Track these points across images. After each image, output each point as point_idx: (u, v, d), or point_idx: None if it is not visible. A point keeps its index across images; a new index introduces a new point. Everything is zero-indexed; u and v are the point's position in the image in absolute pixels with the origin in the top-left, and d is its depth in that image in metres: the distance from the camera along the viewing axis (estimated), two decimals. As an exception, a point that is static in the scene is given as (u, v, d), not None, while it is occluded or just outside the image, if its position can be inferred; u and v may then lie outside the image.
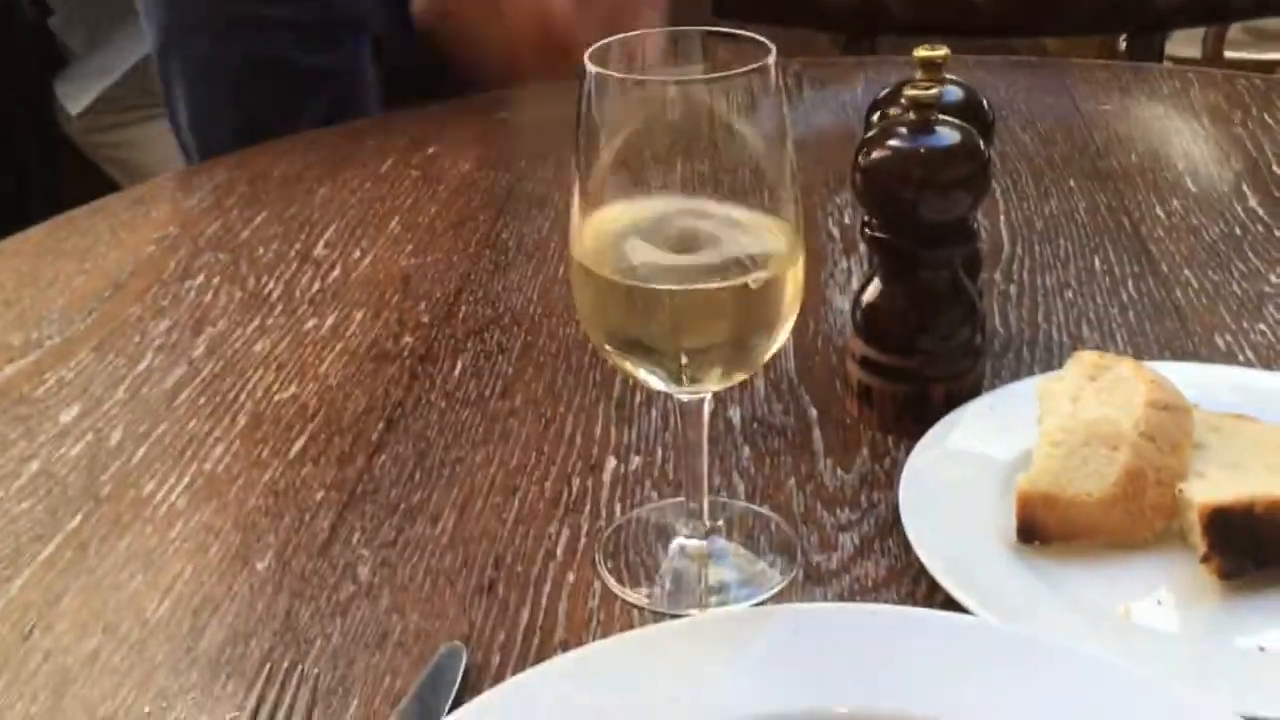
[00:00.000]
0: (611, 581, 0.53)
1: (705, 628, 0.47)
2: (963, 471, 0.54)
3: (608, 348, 0.49)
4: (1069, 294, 0.73)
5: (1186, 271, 0.75)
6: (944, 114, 0.58)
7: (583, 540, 0.56)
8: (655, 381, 0.49)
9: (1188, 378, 0.58)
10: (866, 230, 0.61)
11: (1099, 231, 0.81)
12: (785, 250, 0.47)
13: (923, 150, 0.57)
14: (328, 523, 0.58)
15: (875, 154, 0.58)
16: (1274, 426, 0.53)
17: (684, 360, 0.47)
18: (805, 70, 1.16)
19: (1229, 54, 1.97)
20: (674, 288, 0.46)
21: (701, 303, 0.46)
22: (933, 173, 0.57)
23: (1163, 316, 0.70)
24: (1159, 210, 0.83)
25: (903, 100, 0.58)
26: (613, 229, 0.47)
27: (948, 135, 0.57)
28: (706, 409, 0.51)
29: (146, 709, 0.48)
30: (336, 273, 0.83)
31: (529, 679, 0.43)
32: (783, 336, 0.48)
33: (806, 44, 1.44)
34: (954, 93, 0.63)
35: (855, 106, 1.06)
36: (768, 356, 0.49)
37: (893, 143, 0.58)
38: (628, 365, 0.49)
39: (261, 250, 0.88)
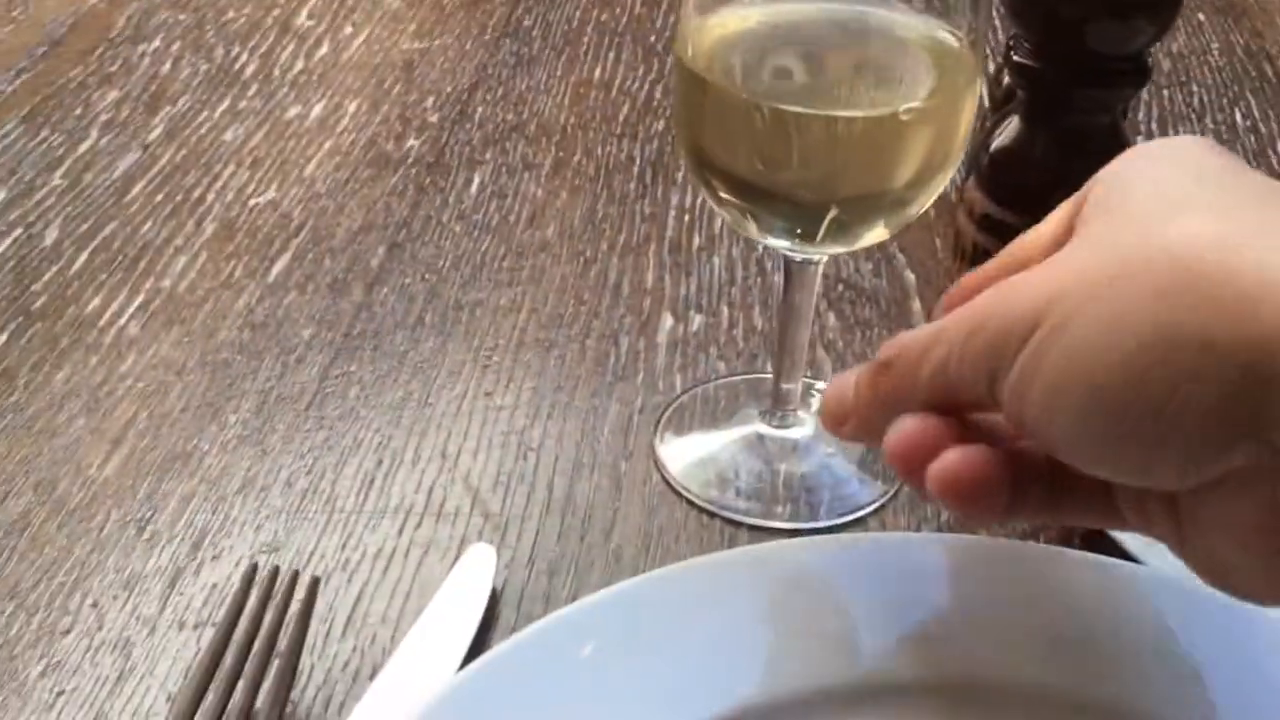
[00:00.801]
0: (673, 474, 0.44)
1: (794, 555, 0.38)
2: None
3: (723, 195, 0.38)
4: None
5: (1346, 138, 0.65)
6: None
7: (635, 419, 0.46)
8: (777, 240, 0.38)
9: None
10: (1012, 54, 0.50)
11: (1237, 78, 0.70)
12: (956, 72, 0.36)
13: (1104, -41, 0.46)
14: (316, 370, 0.48)
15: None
16: None
17: (832, 213, 0.36)
18: None
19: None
20: (828, 113, 0.35)
21: (855, 135, 0.35)
22: (1115, -10, 0.46)
23: (1322, 191, 0.60)
24: (1306, 59, 0.73)
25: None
26: (740, 30, 0.36)
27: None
28: (820, 271, 0.41)
29: (90, 599, 0.39)
30: (324, 50, 0.71)
31: (569, 617, 0.34)
32: (939, 186, 0.38)
33: None
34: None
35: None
36: (919, 211, 0.38)
37: (1062, -55, 0.46)
38: (748, 221, 0.38)
39: (231, 14, 0.74)
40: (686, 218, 0.58)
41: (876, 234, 0.38)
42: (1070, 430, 0.24)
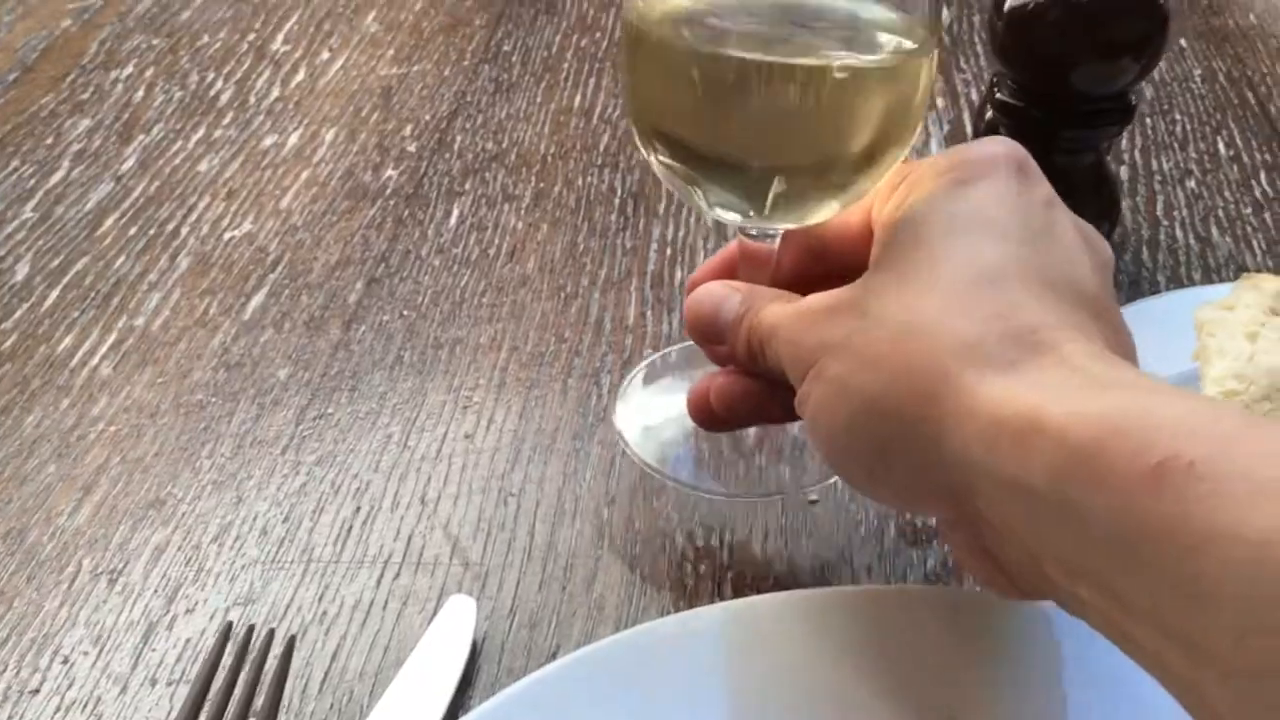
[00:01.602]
0: (634, 455, 0.44)
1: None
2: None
3: (668, 161, 0.37)
4: (1191, 184, 0.64)
5: (1329, 168, 0.65)
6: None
7: (618, 461, 0.46)
8: (727, 213, 0.38)
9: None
10: (996, 92, 0.50)
11: (1220, 107, 0.71)
12: (908, 40, 0.36)
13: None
14: (293, 413, 0.48)
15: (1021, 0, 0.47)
16: None
17: (777, 184, 0.36)
18: None
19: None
20: (768, 59, 0.35)
21: (797, 91, 0.35)
22: (1099, 29, 0.46)
23: (1305, 223, 0.61)
24: (1288, 86, 0.73)
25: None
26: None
27: (1120, -20, 0.46)
28: (775, 247, 0.40)
29: (61, 656, 0.39)
30: (300, 77, 0.71)
31: (547, 677, 0.34)
32: (891, 161, 0.37)
33: None
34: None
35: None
36: (872, 186, 0.37)
37: (1045, -16, 0.46)
38: (695, 191, 0.38)
39: (206, 39, 0.74)
40: (669, 250, 0.58)
41: (827, 209, 0.38)
42: (824, 451, 0.32)
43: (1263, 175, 0.65)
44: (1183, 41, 0.78)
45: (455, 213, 0.60)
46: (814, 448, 0.33)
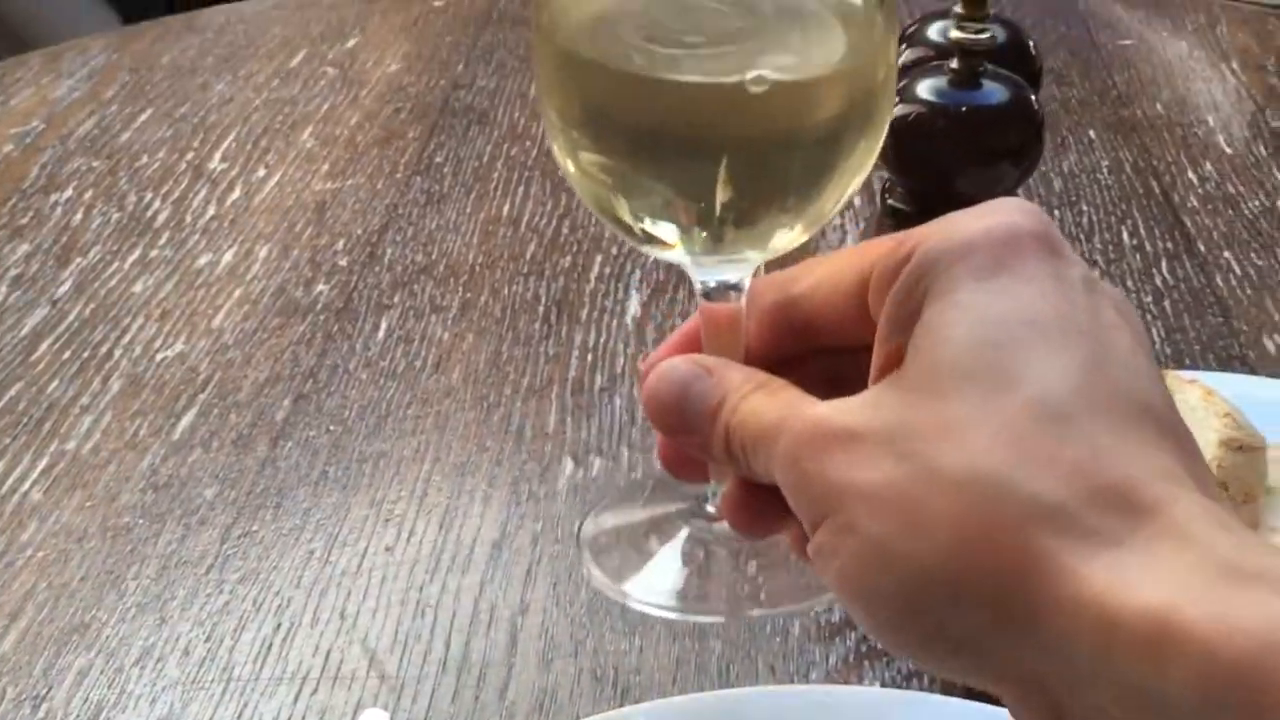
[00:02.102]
0: (597, 575, 0.41)
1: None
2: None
3: (585, 157, 0.35)
4: (1096, 274, 0.67)
5: (1227, 253, 0.69)
6: (990, 57, 0.50)
7: (533, 569, 0.48)
8: (659, 227, 0.35)
9: (1245, 395, 0.52)
10: (887, 199, 0.53)
11: (1125, 196, 0.74)
12: (842, 45, 0.34)
13: (965, 109, 0.49)
14: (218, 532, 0.50)
15: (905, 109, 0.50)
16: (1358, 474, 0.47)
17: (721, 196, 0.34)
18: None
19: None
20: (692, 79, 0.33)
21: (721, 107, 0.33)
22: (978, 138, 0.50)
23: (1203, 309, 0.64)
24: (1191, 174, 0.77)
25: (949, 38, 0.50)
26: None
27: (997, 92, 0.50)
28: (742, 307, 0.35)
29: (-18, 785, 0.40)
30: (236, 194, 0.73)
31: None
32: (850, 179, 0.35)
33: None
34: (998, 32, 0.55)
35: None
36: (834, 208, 0.35)
37: (928, 96, 0.50)
38: (620, 198, 0.35)
39: (145, 159, 0.77)
40: (590, 357, 0.60)
41: (788, 235, 0.35)
42: (862, 622, 0.27)
43: (1164, 263, 0.68)
44: (1091, 132, 0.82)
45: (384, 326, 0.62)
46: (844, 608, 0.28)
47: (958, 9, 0.52)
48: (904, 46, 0.56)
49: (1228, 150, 0.80)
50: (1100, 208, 0.73)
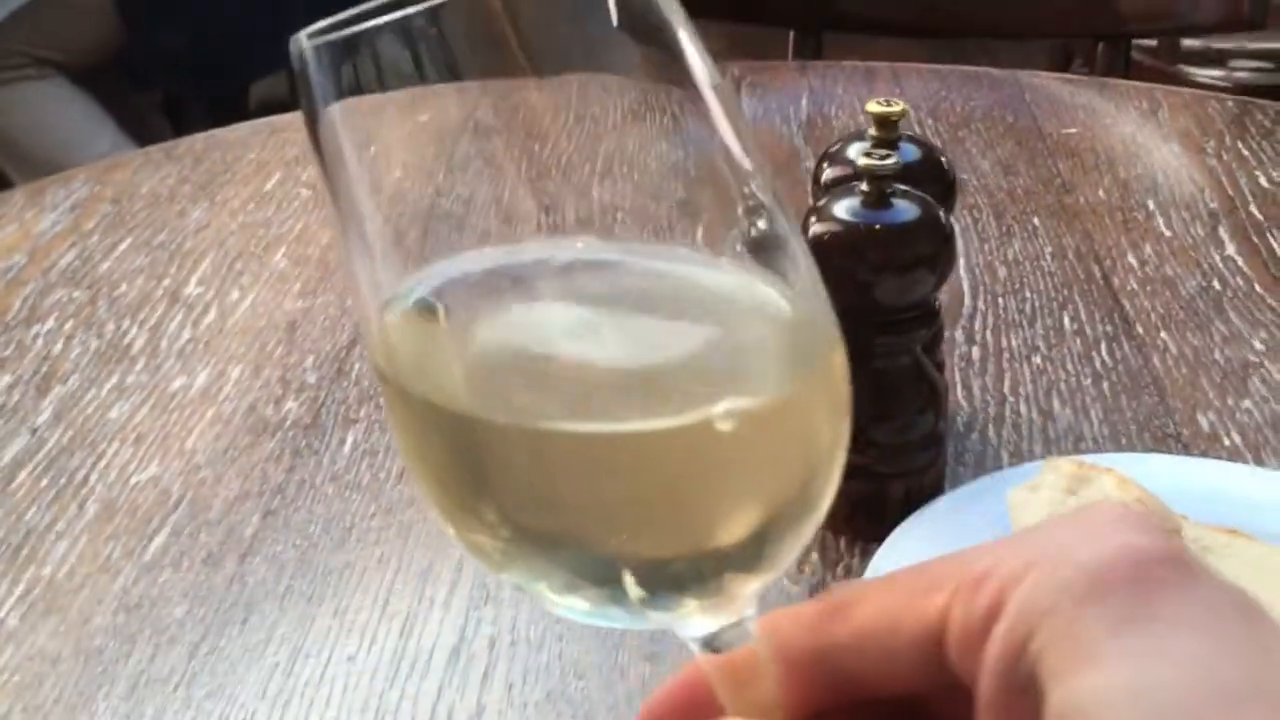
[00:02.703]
0: None
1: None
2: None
3: (503, 557, 0.26)
4: (1037, 359, 0.70)
5: (1164, 334, 0.72)
6: (901, 176, 0.54)
7: (491, 673, 0.50)
8: (604, 615, 0.27)
9: (1170, 477, 0.54)
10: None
11: (1068, 282, 0.78)
12: (794, 348, 0.27)
13: (879, 227, 0.53)
14: (186, 649, 0.52)
15: (824, 228, 0.53)
16: (1275, 549, 0.50)
17: (629, 576, 0.26)
18: (745, 75, 1.11)
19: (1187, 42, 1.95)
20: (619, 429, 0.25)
21: (649, 458, 0.25)
22: (891, 252, 0.53)
23: (1140, 389, 0.67)
24: (1131, 258, 0.80)
25: (857, 164, 0.53)
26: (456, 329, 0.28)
27: (906, 209, 0.53)
28: (755, 646, 0.27)
29: None
30: (211, 318, 0.77)
31: None
32: (808, 525, 0.27)
33: (753, 42, 1.39)
34: (910, 151, 0.59)
35: (799, 121, 1.02)
36: (780, 568, 0.27)
37: (844, 216, 0.53)
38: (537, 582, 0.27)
39: (124, 287, 0.80)
40: (548, 462, 0.63)
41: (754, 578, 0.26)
42: None
43: (1103, 346, 0.71)
44: (1036, 220, 0.86)
45: (350, 440, 0.65)
46: None
47: (870, 132, 0.56)
48: (825, 165, 0.60)
49: (1167, 233, 0.83)
50: (1043, 294, 0.76)
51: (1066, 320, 0.74)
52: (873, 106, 0.55)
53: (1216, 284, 0.77)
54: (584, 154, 0.27)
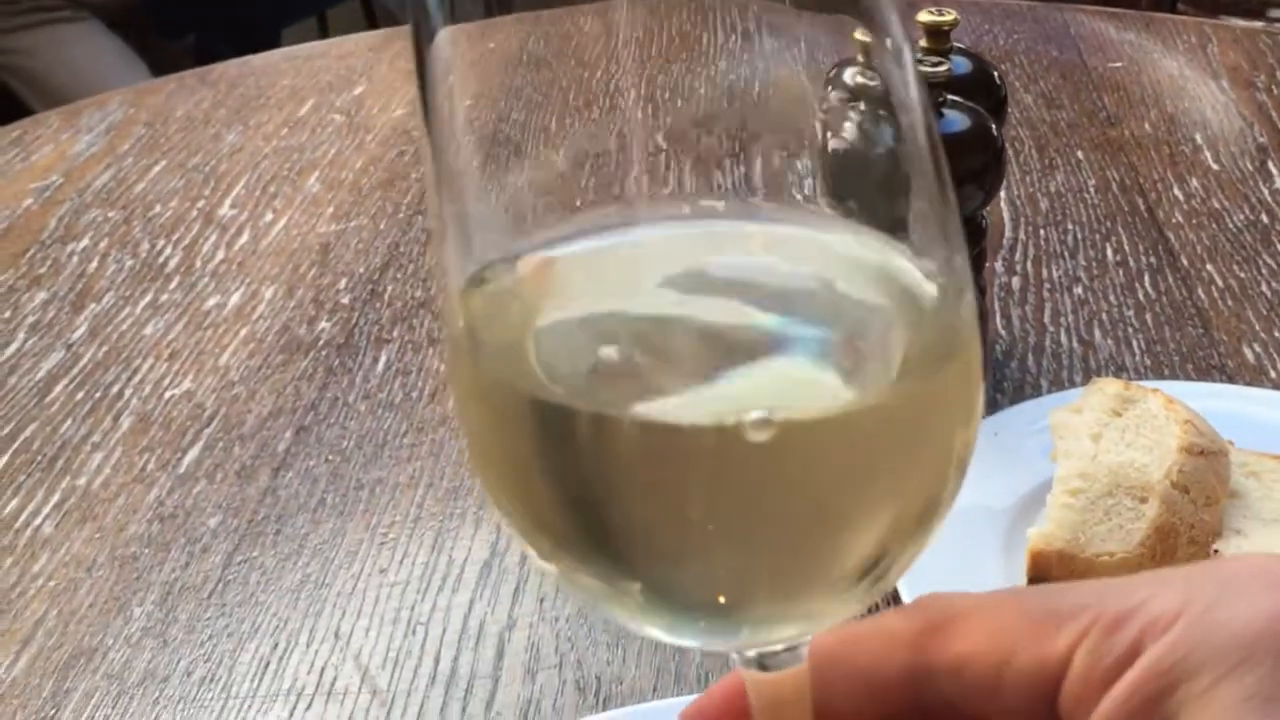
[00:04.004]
0: None
1: None
2: (963, 518, 0.49)
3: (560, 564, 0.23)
4: (1079, 290, 0.68)
5: (1209, 266, 0.70)
6: (951, 87, 0.52)
7: (521, 588, 0.50)
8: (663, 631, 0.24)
9: (1217, 404, 0.53)
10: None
11: (1111, 214, 0.76)
12: (932, 338, 0.23)
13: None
14: (220, 558, 0.52)
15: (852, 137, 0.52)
16: (1323, 474, 0.49)
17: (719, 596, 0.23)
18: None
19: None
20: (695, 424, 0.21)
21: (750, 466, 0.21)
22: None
23: (1184, 321, 0.65)
24: (1176, 190, 0.78)
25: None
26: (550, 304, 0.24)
27: (957, 120, 0.52)
28: (806, 672, 0.24)
29: (-8, 800, 0.42)
30: (244, 239, 0.76)
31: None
32: (917, 544, 0.23)
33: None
34: (961, 64, 0.57)
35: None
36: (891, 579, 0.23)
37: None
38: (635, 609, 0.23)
39: (158, 208, 0.80)
40: (581, 384, 0.62)
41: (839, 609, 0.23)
42: None
43: (1146, 278, 0.69)
44: (1080, 153, 0.83)
45: (383, 359, 0.65)
46: None
47: (921, 43, 0.54)
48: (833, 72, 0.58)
49: (1214, 166, 0.81)
50: (1085, 225, 0.75)
51: (1109, 252, 0.72)
52: (924, 16, 0.53)
53: (1265, 217, 0.75)
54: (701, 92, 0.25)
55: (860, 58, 0.28)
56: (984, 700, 0.22)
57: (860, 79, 0.24)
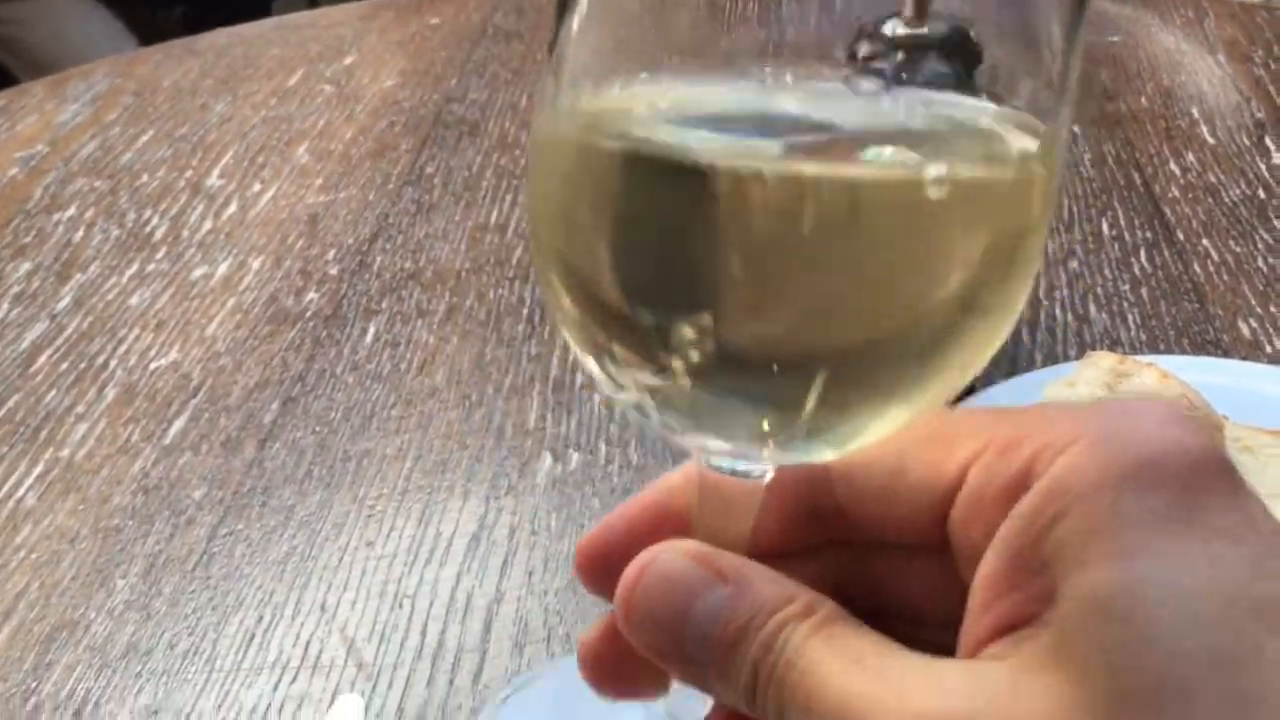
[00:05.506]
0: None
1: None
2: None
3: (606, 347, 0.23)
4: (1074, 264, 0.68)
5: (1205, 241, 0.69)
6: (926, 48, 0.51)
7: (509, 560, 0.49)
8: (721, 442, 0.23)
9: (1212, 378, 0.52)
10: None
11: (1107, 188, 0.75)
12: (1020, 145, 0.23)
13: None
14: (204, 530, 0.51)
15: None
16: (1319, 450, 0.48)
17: (820, 376, 0.21)
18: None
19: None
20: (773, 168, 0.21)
21: (838, 219, 0.21)
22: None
23: (1179, 295, 0.64)
24: (1173, 165, 0.77)
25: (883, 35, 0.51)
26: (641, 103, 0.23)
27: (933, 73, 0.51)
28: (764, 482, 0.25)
29: (-28, 773, 0.41)
30: (232, 209, 0.75)
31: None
32: (993, 338, 0.23)
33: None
34: (939, 28, 0.56)
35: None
36: (957, 385, 0.23)
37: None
38: (661, 413, 0.23)
39: (145, 178, 0.79)
40: (571, 355, 0.61)
41: (879, 426, 0.22)
42: None
43: (1142, 252, 0.68)
44: (1076, 127, 0.82)
45: (371, 331, 0.64)
46: None
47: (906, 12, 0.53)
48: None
49: (1211, 141, 0.80)
50: (1081, 200, 0.74)
51: (1105, 226, 0.71)
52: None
53: (1261, 192, 0.74)
54: None
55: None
56: (873, 512, 0.23)
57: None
